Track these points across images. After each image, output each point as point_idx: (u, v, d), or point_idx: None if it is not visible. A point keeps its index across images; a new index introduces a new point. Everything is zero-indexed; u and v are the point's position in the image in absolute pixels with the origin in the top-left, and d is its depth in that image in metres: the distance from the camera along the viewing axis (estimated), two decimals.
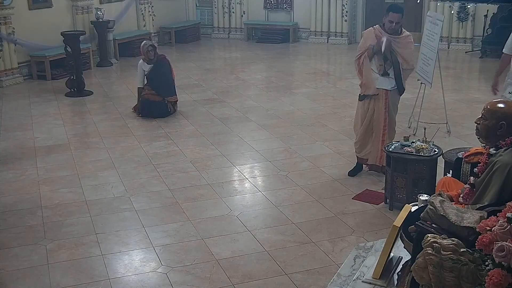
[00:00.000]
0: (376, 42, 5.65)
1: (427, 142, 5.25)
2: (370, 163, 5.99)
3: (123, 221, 5.14)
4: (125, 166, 6.43)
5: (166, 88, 8.30)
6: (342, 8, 14.14)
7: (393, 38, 5.68)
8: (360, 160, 6.05)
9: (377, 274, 3.34)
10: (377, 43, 5.65)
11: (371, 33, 5.79)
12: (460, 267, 2.58)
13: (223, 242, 4.71)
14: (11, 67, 10.39)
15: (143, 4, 13.84)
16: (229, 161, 6.53)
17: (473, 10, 12.81)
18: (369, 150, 5.94)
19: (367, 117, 5.87)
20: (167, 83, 8.33)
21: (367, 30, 5.93)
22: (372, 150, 5.92)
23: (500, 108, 3.29)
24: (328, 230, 4.88)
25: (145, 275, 4.29)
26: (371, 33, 5.80)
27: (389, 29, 5.69)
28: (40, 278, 4.26)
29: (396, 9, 5.71)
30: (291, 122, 8.02)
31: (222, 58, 13.55)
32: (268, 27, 15.16)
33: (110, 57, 12.27)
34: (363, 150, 5.98)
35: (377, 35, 5.70)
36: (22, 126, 7.98)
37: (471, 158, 3.91)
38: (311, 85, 10.34)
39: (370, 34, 5.79)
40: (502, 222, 2.58)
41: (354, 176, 5.98)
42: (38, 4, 11.01)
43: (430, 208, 2.99)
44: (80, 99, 9.45)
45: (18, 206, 5.46)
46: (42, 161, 6.63)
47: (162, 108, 8.20)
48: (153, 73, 8.29)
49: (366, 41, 5.79)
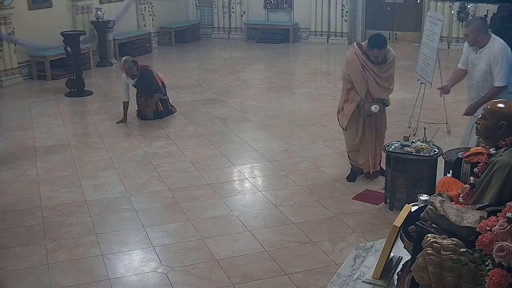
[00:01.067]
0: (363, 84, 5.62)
1: (427, 142, 5.25)
2: (366, 171, 5.97)
3: (123, 221, 5.14)
4: (125, 166, 6.43)
5: (154, 88, 8.30)
6: (342, 8, 14.14)
7: (376, 70, 5.60)
8: (356, 167, 6.01)
9: (377, 274, 3.34)
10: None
11: (356, 62, 5.60)
12: (460, 267, 2.58)
13: (223, 242, 4.71)
14: (11, 67, 10.40)
15: (143, 4, 13.84)
16: (229, 161, 6.53)
17: (473, 10, 12.81)
18: (364, 159, 5.91)
19: (359, 127, 5.83)
20: (154, 87, 8.31)
21: (351, 56, 5.65)
22: (365, 159, 5.89)
23: (500, 108, 3.29)
24: (328, 230, 4.88)
25: (145, 275, 4.29)
26: (356, 62, 5.61)
27: (375, 61, 5.60)
28: (40, 278, 4.26)
29: (379, 45, 5.47)
30: (291, 122, 8.02)
31: (222, 58, 13.55)
32: (268, 27, 15.16)
33: (110, 57, 12.27)
34: (358, 157, 5.94)
35: (362, 63, 5.58)
36: (22, 126, 7.98)
37: (471, 158, 3.91)
38: (311, 85, 10.34)
39: (355, 63, 5.61)
40: (502, 222, 2.58)
41: (354, 181, 5.94)
42: (38, 4, 11.02)
43: (430, 208, 2.99)
44: (80, 99, 9.45)
45: (18, 206, 5.46)
46: (42, 161, 6.63)
47: (155, 111, 8.19)
48: (139, 84, 8.24)
49: (352, 70, 5.63)
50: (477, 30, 5.21)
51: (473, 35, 5.23)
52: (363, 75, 5.62)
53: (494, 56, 5.15)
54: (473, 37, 5.24)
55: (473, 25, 5.27)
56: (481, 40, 5.23)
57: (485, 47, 5.23)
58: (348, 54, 5.75)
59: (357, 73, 5.64)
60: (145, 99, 8.20)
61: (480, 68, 5.28)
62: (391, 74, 5.73)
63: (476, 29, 5.21)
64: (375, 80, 5.64)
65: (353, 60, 5.66)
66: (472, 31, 5.22)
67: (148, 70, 8.38)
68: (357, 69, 5.63)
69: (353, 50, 5.70)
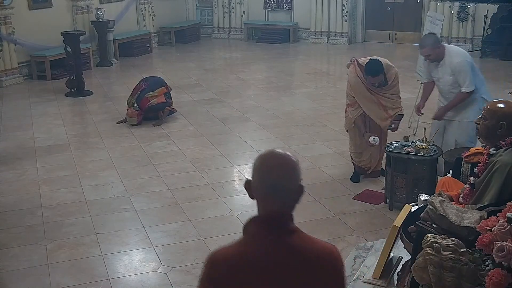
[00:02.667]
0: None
1: (427, 142, 5.25)
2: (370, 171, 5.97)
3: (123, 221, 5.14)
4: (125, 166, 6.43)
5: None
6: (342, 8, 14.14)
7: (379, 91, 5.60)
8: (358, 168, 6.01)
9: (377, 274, 3.35)
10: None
11: (360, 85, 5.57)
12: (460, 267, 2.58)
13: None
14: (11, 67, 10.39)
15: (143, 4, 13.84)
16: (229, 161, 6.53)
17: (473, 10, 12.81)
18: (369, 159, 5.91)
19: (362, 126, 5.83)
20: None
21: (353, 79, 5.61)
22: (368, 160, 5.90)
23: (500, 108, 3.29)
24: (328, 230, 4.88)
25: (145, 275, 4.29)
26: (359, 85, 5.58)
27: (373, 86, 5.59)
28: (40, 278, 4.25)
29: (373, 72, 5.44)
30: (291, 122, 8.02)
31: (222, 58, 13.55)
32: (268, 27, 15.16)
33: (110, 57, 12.27)
34: (362, 158, 5.94)
35: (364, 83, 5.55)
36: (22, 126, 7.98)
37: (471, 158, 3.91)
38: (311, 85, 10.34)
39: (359, 86, 5.58)
40: (502, 222, 2.58)
41: (359, 181, 5.92)
42: (38, 4, 11.01)
43: (430, 208, 3.00)
44: (80, 99, 9.45)
45: (18, 206, 5.46)
46: (42, 161, 6.63)
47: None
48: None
49: (356, 93, 5.62)
50: (434, 46, 5.22)
51: (433, 52, 5.24)
52: (369, 96, 5.60)
53: (455, 65, 5.20)
54: (433, 54, 5.25)
55: (429, 43, 5.24)
56: (440, 53, 5.26)
57: (444, 59, 5.26)
58: (350, 77, 5.68)
59: (363, 95, 5.62)
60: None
61: (445, 80, 5.33)
62: (396, 90, 5.71)
63: (433, 46, 5.22)
64: (383, 96, 5.65)
65: (356, 83, 5.63)
66: (431, 49, 5.22)
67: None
68: (362, 92, 5.61)
69: (353, 71, 5.63)
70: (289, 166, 1.91)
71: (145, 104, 7.92)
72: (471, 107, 5.29)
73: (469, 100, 5.26)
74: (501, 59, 11.91)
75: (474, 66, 5.35)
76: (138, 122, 7.87)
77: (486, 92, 5.39)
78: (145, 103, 7.92)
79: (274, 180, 1.88)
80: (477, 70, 5.42)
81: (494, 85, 10.06)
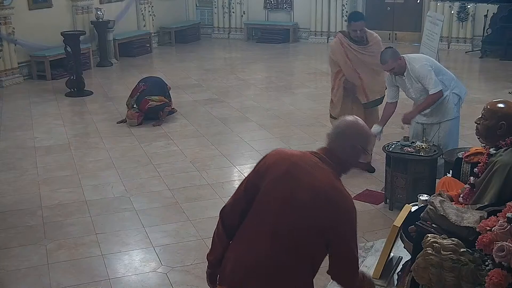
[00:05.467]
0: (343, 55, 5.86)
1: (427, 142, 5.25)
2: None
3: (123, 221, 5.14)
4: (125, 166, 6.43)
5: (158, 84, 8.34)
6: (342, 8, 14.14)
7: (360, 49, 5.82)
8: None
9: (377, 274, 3.34)
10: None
11: (339, 47, 5.89)
12: (460, 267, 2.58)
13: None
14: (11, 67, 10.39)
15: (143, 4, 13.83)
16: (229, 161, 6.53)
17: (473, 10, 12.82)
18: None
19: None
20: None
21: (335, 44, 5.99)
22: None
23: (500, 108, 3.29)
24: None
25: (145, 275, 4.29)
26: (338, 47, 5.90)
27: (355, 37, 5.82)
28: (40, 278, 4.26)
29: (355, 18, 5.81)
30: (291, 122, 8.02)
31: (222, 58, 13.54)
32: (268, 27, 15.16)
33: (110, 57, 12.27)
34: None
35: (345, 48, 5.84)
36: (22, 126, 7.98)
37: (471, 158, 3.91)
38: (311, 85, 10.34)
39: (338, 49, 5.90)
40: (502, 222, 2.58)
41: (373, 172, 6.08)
42: (38, 4, 11.01)
43: (430, 208, 2.99)
44: (80, 99, 9.44)
45: (18, 206, 5.46)
46: (42, 161, 6.63)
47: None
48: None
49: (337, 55, 5.92)
50: (394, 58, 5.21)
51: (395, 65, 5.22)
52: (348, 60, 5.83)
53: (417, 72, 5.20)
54: (396, 66, 5.22)
55: (389, 56, 5.21)
56: (402, 64, 5.24)
57: (407, 69, 5.26)
58: (332, 44, 6.13)
59: (342, 57, 5.87)
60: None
61: (415, 88, 5.31)
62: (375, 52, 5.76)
63: (393, 57, 5.21)
64: (363, 63, 5.80)
65: (337, 48, 5.92)
66: (392, 61, 5.20)
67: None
68: (341, 54, 5.87)
69: (336, 38, 6.00)
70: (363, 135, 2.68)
71: (145, 106, 7.91)
72: (445, 105, 5.30)
73: (442, 100, 5.25)
74: (501, 59, 11.91)
75: (438, 65, 5.38)
76: (138, 124, 7.87)
77: (457, 86, 5.38)
78: (145, 104, 7.91)
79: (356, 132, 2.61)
80: (442, 68, 5.42)
81: (494, 85, 10.09)
